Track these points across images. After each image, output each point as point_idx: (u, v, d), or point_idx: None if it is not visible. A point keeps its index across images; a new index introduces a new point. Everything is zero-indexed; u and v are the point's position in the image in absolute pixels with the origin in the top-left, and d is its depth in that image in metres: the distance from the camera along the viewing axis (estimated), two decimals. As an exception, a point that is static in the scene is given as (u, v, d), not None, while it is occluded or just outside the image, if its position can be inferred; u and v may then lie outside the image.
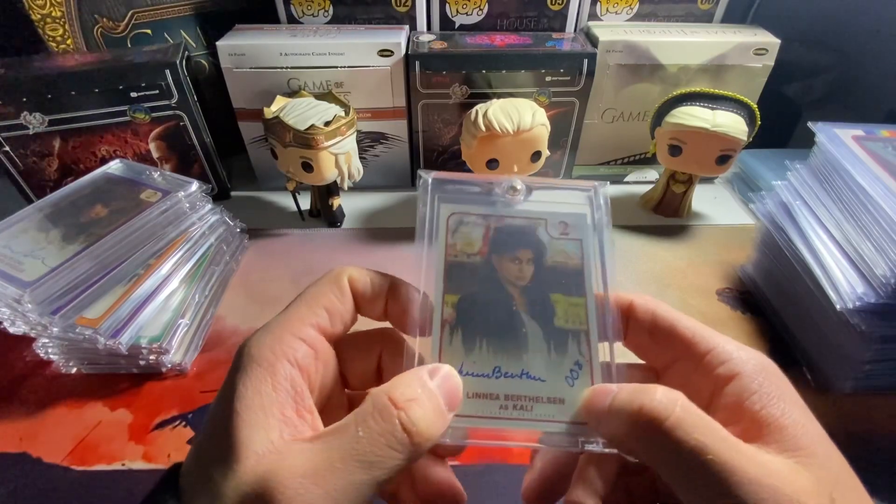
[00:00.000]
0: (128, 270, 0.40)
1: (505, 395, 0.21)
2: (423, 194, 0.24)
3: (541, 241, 0.24)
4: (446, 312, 0.22)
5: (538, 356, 0.22)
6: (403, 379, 0.19)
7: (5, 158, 0.50)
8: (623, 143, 0.61)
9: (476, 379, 0.21)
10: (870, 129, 0.42)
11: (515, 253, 0.24)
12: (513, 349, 0.22)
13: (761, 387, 0.18)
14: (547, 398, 0.21)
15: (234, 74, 0.53)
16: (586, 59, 0.53)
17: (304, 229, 0.56)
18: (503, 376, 0.22)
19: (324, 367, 0.21)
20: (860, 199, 0.37)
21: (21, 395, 0.39)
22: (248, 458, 0.17)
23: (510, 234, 0.24)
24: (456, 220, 0.24)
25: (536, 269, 0.23)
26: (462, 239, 0.24)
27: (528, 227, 0.24)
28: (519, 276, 0.23)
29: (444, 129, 0.58)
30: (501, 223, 0.24)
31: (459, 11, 0.58)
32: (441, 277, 0.23)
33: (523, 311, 0.23)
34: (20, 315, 0.36)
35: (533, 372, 0.22)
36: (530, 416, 0.21)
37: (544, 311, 0.23)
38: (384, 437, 0.17)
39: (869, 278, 0.35)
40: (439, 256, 0.23)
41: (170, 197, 0.43)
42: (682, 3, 0.58)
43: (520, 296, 0.23)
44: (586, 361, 0.22)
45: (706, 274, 0.50)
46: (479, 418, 0.21)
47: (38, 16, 0.51)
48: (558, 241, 0.24)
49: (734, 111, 0.49)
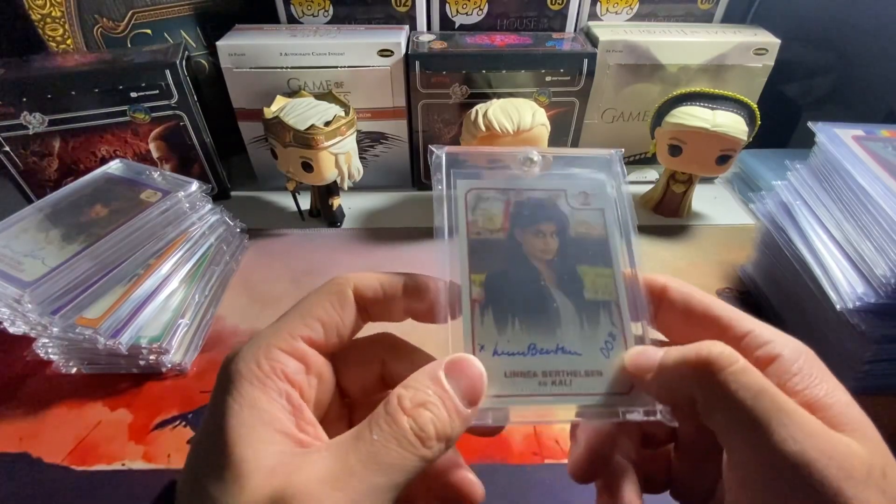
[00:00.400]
0: (128, 270, 0.40)
1: (543, 372, 0.21)
2: (436, 171, 0.24)
3: (562, 212, 0.24)
4: (475, 292, 0.22)
5: (571, 330, 0.22)
6: (416, 380, 0.19)
7: (5, 158, 0.50)
8: (623, 143, 0.60)
9: (512, 358, 0.21)
10: (870, 129, 0.42)
11: (538, 226, 0.23)
12: (546, 325, 0.22)
13: (801, 369, 0.18)
14: (585, 371, 0.21)
15: (234, 74, 0.53)
16: (586, 59, 0.53)
17: (304, 229, 0.56)
18: (539, 353, 0.21)
19: (318, 381, 0.21)
20: (860, 199, 0.37)
21: (21, 395, 0.39)
22: (257, 474, 0.16)
23: (531, 207, 0.24)
24: (474, 196, 0.24)
25: (561, 242, 0.23)
26: (482, 215, 0.23)
27: (549, 199, 0.24)
28: (544, 250, 0.23)
29: (444, 129, 0.58)
30: (521, 197, 0.24)
31: (459, 11, 0.58)
32: (465, 256, 0.22)
33: (552, 285, 0.22)
34: (20, 315, 0.36)
35: (568, 346, 0.21)
36: (570, 390, 0.21)
37: (573, 284, 0.22)
38: (398, 440, 0.17)
39: (869, 278, 0.35)
40: (461, 235, 0.23)
41: (170, 197, 0.43)
42: (682, 3, 0.58)
43: (547, 270, 0.23)
44: (619, 332, 0.22)
45: (706, 274, 0.50)
46: (519, 397, 0.21)
47: (38, 16, 0.51)
48: (580, 211, 0.24)
49: (734, 111, 0.49)
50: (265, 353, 0.19)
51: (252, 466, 0.16)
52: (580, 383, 0.21)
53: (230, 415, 0.17)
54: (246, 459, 0.16)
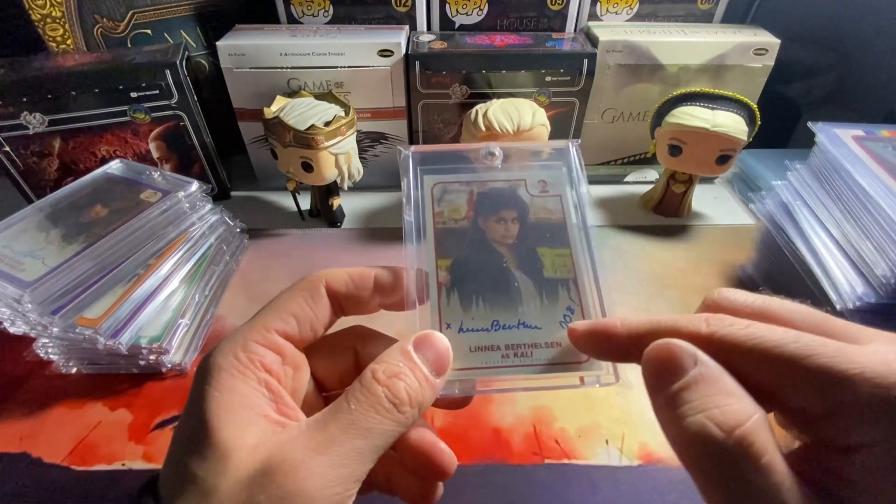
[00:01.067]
0: (128, 270, 0.40)
1: (505, 346, 0.23)
2: (404, 169, 0.26)
3: (522, 200, 0.26)
4: (441, 276, 0.24)
5: (532, 306, 0.23)
6: (387, 355, 0.20)
7: (5, 158, 0.50)
8: (623, 143, 0.61)
9: (476, 334, 0.23)
10: (870, 129, 0.42)
11: (500, 213, 0.25)
12: (507, 303, 0.23)
13: None
14: (544, 343, 0.23)
15: (234, 74, 0.53)
16: (586, 59, 0.53)
17: (304, 229, 0.56)
18: (501, 328, 0.23)
19: (294, 373, 0.22)
20: (860, 199, 0.37)
21: (21, 395, 0.39)
22: (241, 451, 0.17)
23: (493, 196, 0.26)
24: (440, 189, 0.26)
25: (521, 227, 0.25)
26: (448, 206, 0.25)
27: (510, 188, 0.26)
28: (506, 235, 0.25)
29: (444, 129, 0.58)
30: (484, 188, 0.26)
31: (459, 11, 0.58)
32: (432, 244, 0.24)
33: (513, 266, 0.24)
34: (20, 315, 0.36)
35: (528, 321, 0.23)
36: (531, 361, 0.22)
37: (533, 265, 0.24)
38: (374, 407, 0.19)
39: (869, 278, 0.35)
40: (428, 225, 0.25)
41: (170, 197, 0.43)
42: (682, 3, 0.58)
43: (508, 253, 0.24)
44: (577, 305, 0.23)
45: (706, 274, 0.50)
46: (484, 369, 0.22)
47: (38, 16, 0.51)
48: (539, 198, 0.26)
49: (734, 111, 0.49)
50: (242, 346, 0.20)
51: (235, 444, 0.17)
52: (540, 353, 0.23)
53: (210, 401, 0.18)
54: (229, 439, 0.17)
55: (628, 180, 0.63)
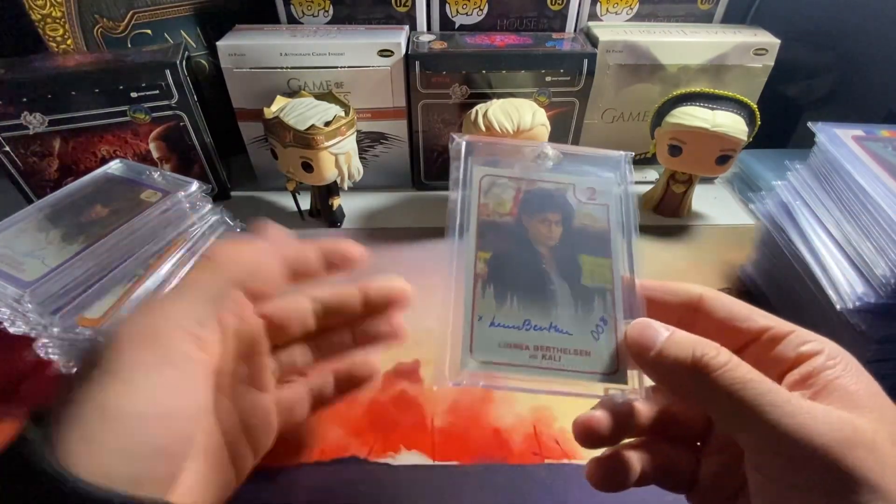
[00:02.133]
0: (128, 270, 0.40)
1: (535, 346, 0.23)
2: (455, 157, 0.26)
3: (569, 204, 0.25)
4: (479, 268, 0.24)
5: (566, 311, 0.23)
6: None
7: (5, 158, 0.50)
8: (623, 143, 0.61)
9: (507, 330, 0.23)
10: (870, 129, 0.42)
11: (545, 214, 0.25)
12: (542, 304, 0.23)
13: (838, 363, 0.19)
14: (574, 350, 0.22)
15: (234, 74, 0.53)
16: (586, 59, 0.53)
17: (304, 229, 0.56)
18: (532, 329, 0.23)
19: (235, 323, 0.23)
20: (860, 199, 0.37)
21: (21, 395, 0.39)
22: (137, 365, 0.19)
23: (540, 196, 0.26)
24: (488, 181, 0.26)
25: (564, 231, 0.25)
26: (494, 199, 0.25)
27: (557, 191, 0.26)
28: (548, 237, 0.25)
29: (444, 129, 0.58)
30: (532, 186, 0.26)
31: (459, 11, 0.58)
32: (473, 235, 0.24)
33: (552, 269, 0.24)
34: (20, 315, 0.36)
35: (561, 325, 0.23)
36: (558, 365, 0.22)
37: (572, 270, 0.24)
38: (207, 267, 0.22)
39: (869, 278, 0.35)
40: (473, 214, 0.25)
41: (170, 197, 0.43)
42: (682, 3, 0.58)
43: (548, 255, 0.24)
44: (611, 318, 0.23)
45: (706, 274, 0.50)
46: (510, 366, 0.22)
47: (38, 16, 0.51)
48: (586, 205, 0.25)
49: (734, 111, 0.49)
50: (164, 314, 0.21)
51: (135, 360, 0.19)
52: (568, 360, 0.22)
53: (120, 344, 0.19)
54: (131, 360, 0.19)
55: (628, 180, 0.63)
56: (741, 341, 0.22)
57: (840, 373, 0.19)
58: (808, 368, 0.19)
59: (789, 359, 0.20)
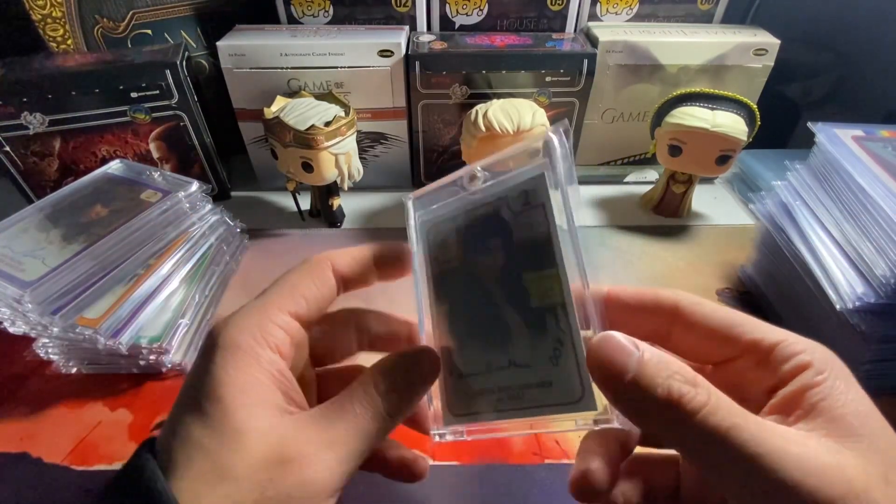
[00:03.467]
0: (128, 270, 0.40)
1: (498, 388, 0.21)
2: (407, 218, 0.26)
3: (504, 221, 0.22)
4: (440, 323, 0.24)
5: (521, 342, 0.21)
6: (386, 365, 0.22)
7: (5, 158, 0.50)
8: (623, 143, 0.61)
9: (474, 378, 0.22)
10: (870, 129, 0.42)
11: (487, 244, 0.23)
12: (499, 342, 0.22)
13: (826, 378, 0.18)
14: (536, 383, 0.20)
15: (234, 74, 0.53)
16: (586, 59, 0.53)
17: (304, 229, 0.56)
18: (495, 370, 0.22)
19: (297, 351, 0.23)
20: (860, 200, 0.37)
21: (21, 395, 0.39)
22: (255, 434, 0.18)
23: (479, 225, 0.23)
24: (433, 231, 0.25)
25: (506, 253, 0.22)
26: (439, 249, 0.25)
27: (493, 211, 0.23)
28: (492, 267, 0.22)
29: (444, 130, 0.58)
30: (470, 218, 0.23)
31: (459, 12, 0.58)
32: (429, 294, 0.24)
33: (502, 300, 0.22)
34: (20, 315, 0.36)
35: (519, 359, 0.21)
36: (522, 404, 0.21)
37: (519, 295, 0.21)
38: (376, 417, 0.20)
39: (869, 278, 0.35)
40: (426, 274, 0.25)
41: (170, 197, 0.43)
42: (682, 3, 0.58)
43: (497, 286, 0.22)
44: (567, 336, 0.20)
45: (706, 274, 0.50)
46: (478, 415, 0.22)
47: (38, 16, 0.51)
48: (520, 214, 0.22)
49: (734, 111, 0.49)
50: (259, 325, 0.21)
51: (249, 426, 0.18)
52: (531, 396, 0.21)
53: (226, 378, 0.19)
54: (243, 420, 0.18)
55: (628, 180, 0.63)
56: (722, 356, 0.21)
57: (826, 393, 0.18)
58: (795, 388, 0.18)
59: (775, 376, 0.19)
